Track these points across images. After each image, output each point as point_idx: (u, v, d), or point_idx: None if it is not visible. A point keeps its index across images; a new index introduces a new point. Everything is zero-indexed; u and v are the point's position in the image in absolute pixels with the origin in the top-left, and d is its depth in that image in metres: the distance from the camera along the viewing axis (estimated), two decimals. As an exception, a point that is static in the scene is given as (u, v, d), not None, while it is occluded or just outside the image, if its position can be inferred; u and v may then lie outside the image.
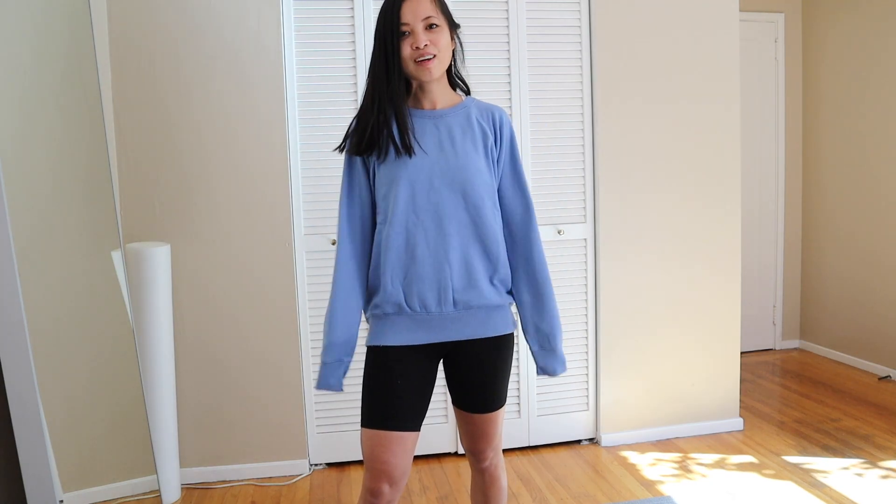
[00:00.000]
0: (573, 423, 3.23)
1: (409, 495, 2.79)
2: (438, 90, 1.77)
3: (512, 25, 3.03)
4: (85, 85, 2.40)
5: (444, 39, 1.70)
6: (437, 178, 1.70)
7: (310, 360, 3.01)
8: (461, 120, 1.76)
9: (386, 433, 1.71)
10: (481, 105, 1.81)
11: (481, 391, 1.79)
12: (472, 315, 1.74)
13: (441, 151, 1.72)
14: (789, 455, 3.05)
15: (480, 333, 1.75)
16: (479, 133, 1.76)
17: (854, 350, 4.32)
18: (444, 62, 1.72)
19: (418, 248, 1.69)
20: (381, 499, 1.75)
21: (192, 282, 2.89)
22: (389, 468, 1.71)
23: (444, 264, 1.70)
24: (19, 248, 1.97)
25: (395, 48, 1.68)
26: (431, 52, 1.68)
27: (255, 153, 2.89)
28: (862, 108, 4.19)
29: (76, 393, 2.35)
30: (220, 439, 2.96)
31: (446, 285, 1.70)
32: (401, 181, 1.70)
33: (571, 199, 3.14)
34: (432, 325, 1.72)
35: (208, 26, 2.84)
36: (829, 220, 4.49)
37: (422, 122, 1.74)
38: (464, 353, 1.77)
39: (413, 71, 1.70)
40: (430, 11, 1.69)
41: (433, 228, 1.70)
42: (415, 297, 1.70)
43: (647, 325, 3.23)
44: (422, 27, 1.68)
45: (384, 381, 1.74)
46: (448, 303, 1.71)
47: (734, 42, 3.22)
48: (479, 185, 1.72)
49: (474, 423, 1.82)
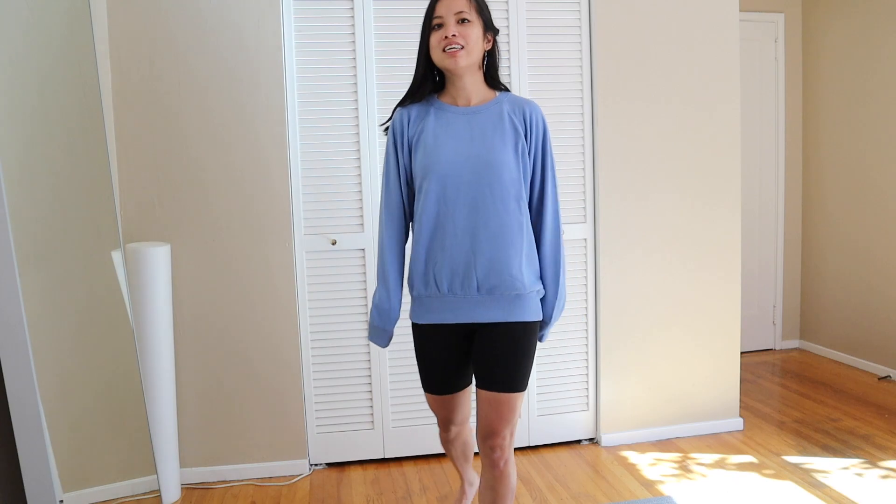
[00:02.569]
0: (573, 423, 3.23)
1: (409, 495, 2.80)
2: (472, 86, 1.90)
3: (512, 25, 3.03)
4: (85, 85, 2.40)
5: (474, 34, 1.85)
6: (468, 172, 1.84)
7: (310, 360, 3.01)
8: (493, 116, 1.88)
9: (436, 396, 2.03)
10: (514, 100, 1.93)
11: (501, 369, 1.89)
12: (494, 300, 1.87)
13: (471, 147, 1.85)
14: (789, 455, 3.05)
15: (501, 318, 1.87)
16: (509, 129, 1.87)
17: (854, 350, 4.32)
18: (471, 54, 1.85)
19: (447, 238, 1.85)
20: (450, 432, 2.15)
21: (192, 282, 2.89)
22: (449, 417, 2.08)
23: (469, 253, 1.84)
24: (19, 248, 1.97)
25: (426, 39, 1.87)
26: (459, 42, 1.82)
27: (256, 153, 2.89)
28: (862, 107, 4.20)
29: (76, 393, 2.35)
30: (220, 439, 2.96)
31: (471, 272, 1.85)
32: (433, 175, 1.85)
33: (571, 199, 3.14)
34: (458, 307, 1.88)
35: (208, 26, 2.84)
36: (829, 220, 4.49)
37: (455, 118, 1.88)
38: (487, 334, 1.90)
39: (440, 59, 1.85)
40: (462, 7, 1.84)
41: (462, 219, 1.84)
42: (444, 282, 1.86)
43: (648, 324, 3.23)
44: (453, 20, 1.83)
45: (423, 354, 1.99)
46: (472, 288, 1.86)
47: (734, 42, 3.22)
48: (506, 180, 1.84)
49: (492, 404, 1.90)
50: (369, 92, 2.96)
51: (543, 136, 1.92)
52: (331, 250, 2.99)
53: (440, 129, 1.88)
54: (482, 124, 1.87)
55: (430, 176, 1.85)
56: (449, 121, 1.88)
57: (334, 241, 2.98)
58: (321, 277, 3.00)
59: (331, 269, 3.00)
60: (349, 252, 3.00)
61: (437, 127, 1.88)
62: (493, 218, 1.84)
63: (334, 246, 2.99)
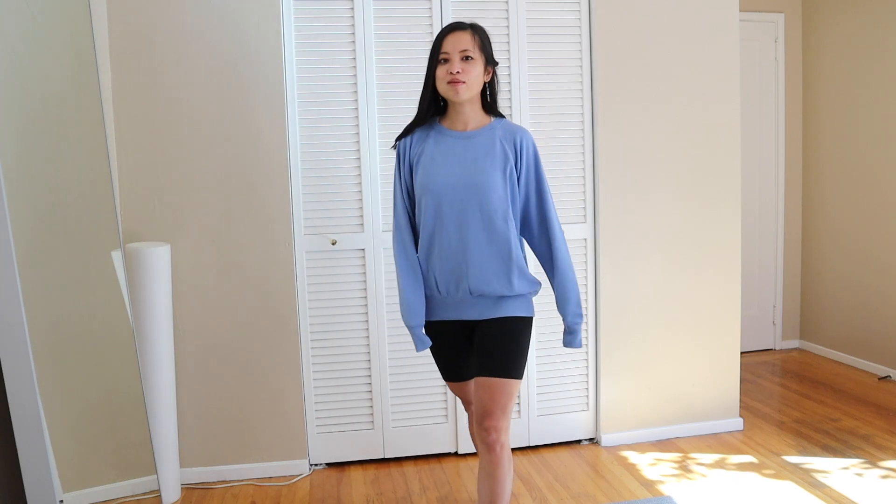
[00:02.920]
0: (573, 423, 3.23)
1: (409, 495, 2.80)
2: (470, 113, 2.11)
3: (512, 25, 3.03)
4: (85, 85, 2.40)
5: (475, 71, 2.05)
6: (460, 191, 2.05)
7: (310, 360, 3.01)
8: (486, 141, 2.09)
9: (453, 383, 2.31)
10: (507, 127, 2.14)
11: (494, 357, 2.09)
12: (483, 301, 2.10)
13: (464, 169, 2.07)
14: (789, 455, 3.05)
15: (489, 315, 2.11)
16: (500, 154, 2.08)
17: (854, 350, 4.32)
18: (472, 89, 2.06)
19: (443, 249, 2.08)
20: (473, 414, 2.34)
21: (192, 282, 2.89)
22: (468, 399, 2.33)
23: (461, 264, 2.07)
24: (19, 248, 1.97)
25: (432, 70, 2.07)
26: (462, 78, 2.03)
27: (255, 153, 2.89)
28: (862, 107, 4.20)
29: (76, 393, 2.35)
30: (220, 439, 2.96)
31: (462, 280, 2.08)
32: (429, 193, 2.07)
33: (571, 200, 3.14)
34: (455, 306, 2.13)
35: (208, 26, 2.84)
36: (829, 220, 4.49)
37: (453, 142, 2.09)
38: (483, 328, 2.13)
39: (445, 90, 2.06)
40: (467, 45, 2.04)
41: (455, 233, 2.06)
42: (443, 285, 2.11)
43: (648, 324, 3.23)
44: (458, 57, 2.03)
45: (435, 348, 2.24)
46: (465, 291, 2.09)
47: (734, 42, 3.22)
48: (493, 200, 2.05)
49: (485, 388, 2.07)
50: (369, 92, 2.96)
51: (535, 159, 2.12)
52: (331, 250, 2.99)
53: (438, 152, 2.09)
54: (475, 148, 2.08)
55: (427, 194, 2.07)
56: (447, 144, 2.09)
57: (334, 241, 2.98)
58: (321, 277, 3.00)
59: (331, 269, 3.00)
60: (349, 252, 3.00)
61: (436, 149, 2.09)
62: (481, 233, 2.05)
63: (334, 246, 2.99)
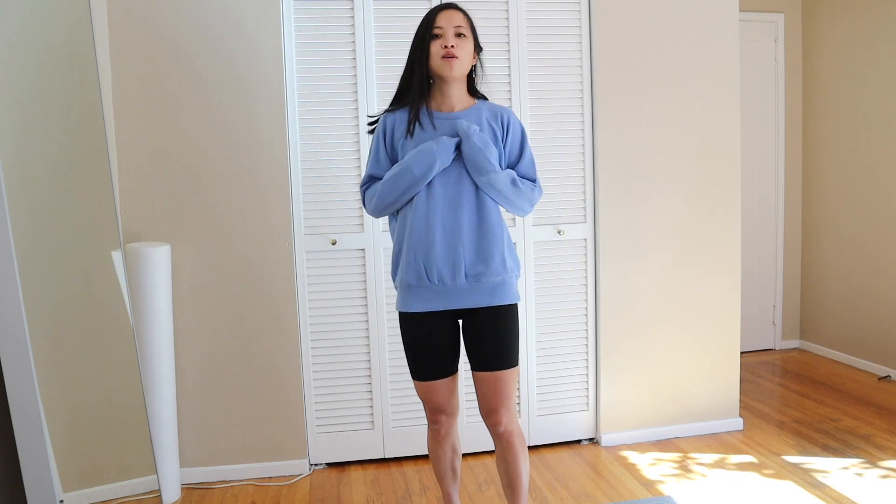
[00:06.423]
0: (573, 423, 3.23)
1: (409, 495, 2.80)
2: (457, 94, 2.10)
3: (512, 25, 3.03)
4: (85, 85, 2.40)
5: (467, 48, 2.06)
6: (452, 173, 2.04)
7: (310, 360, 3.01)
8: (473, 121, 2.08)
9: (428, 383, 2.15)
10: (492, 108, 2.15)
11: (493, 349, 2.08)
12: (480, 286, 2.06)
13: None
14: (789, 455, 3.05)
15: (487, 302, 2.07)
16: (488, 133, 2.08)
17: (854, 350, 4.33)
18: (463, 66, 2.06)
19: (437, 233, 2.02)
20: (441, 425, 2.22)
21: (192, 282, 2.89)
22: (441, 405, 2.18)
23: (458, 246, 2.03)
24: (19, 248, 1.97)
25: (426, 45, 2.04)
26: (456, 53, 2.02)
27: (255, 153, 2.89)
28: (862, 107, 4.20)
29: (76, 393, 2.35)
30: (220, 439, 2.96)
31: (459, 263, 2.03)
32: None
33: (571, 200, 3.14)
34: (448, 295, 2.06)
35: (208, 26, 2.84)
36: (829, 220, 4.49)
37: (441, 123, 2.07)
38: (475, 318, 2.09)
39: (439, 66, 2.04)
40: (461, 22, 2.06)
41: (449, 216, 2.03)
42: (434, 272, 2.03)
43: (647, 324, 3.23)
44: (452, 32, 2.03)
45: (415, 341, 2.12)
46: (461, 277, 2.04)
47: (734, 42, 3.22)
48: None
49: (488, 383, 2.09)
50: (369, 92, 2.96)
51: (521, 133, 2.14)
52: (331, 250, 2.99)
53: (426, 136, 2.06)
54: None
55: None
56: (434, 125, 2.07)
57: (334, 241, 2.98)
58: (321, 277, 3.00)
59: (331, 269, 3.00)
60: (349, 252, 3.00)
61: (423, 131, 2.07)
62: (475, 213, 2.05)
63: (334, 246, 2.99)
